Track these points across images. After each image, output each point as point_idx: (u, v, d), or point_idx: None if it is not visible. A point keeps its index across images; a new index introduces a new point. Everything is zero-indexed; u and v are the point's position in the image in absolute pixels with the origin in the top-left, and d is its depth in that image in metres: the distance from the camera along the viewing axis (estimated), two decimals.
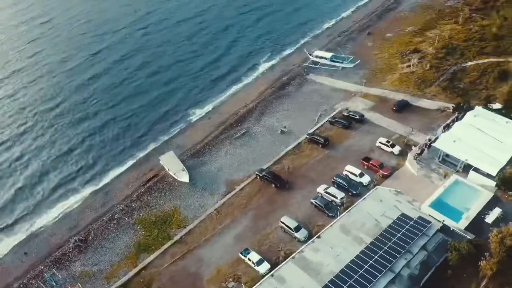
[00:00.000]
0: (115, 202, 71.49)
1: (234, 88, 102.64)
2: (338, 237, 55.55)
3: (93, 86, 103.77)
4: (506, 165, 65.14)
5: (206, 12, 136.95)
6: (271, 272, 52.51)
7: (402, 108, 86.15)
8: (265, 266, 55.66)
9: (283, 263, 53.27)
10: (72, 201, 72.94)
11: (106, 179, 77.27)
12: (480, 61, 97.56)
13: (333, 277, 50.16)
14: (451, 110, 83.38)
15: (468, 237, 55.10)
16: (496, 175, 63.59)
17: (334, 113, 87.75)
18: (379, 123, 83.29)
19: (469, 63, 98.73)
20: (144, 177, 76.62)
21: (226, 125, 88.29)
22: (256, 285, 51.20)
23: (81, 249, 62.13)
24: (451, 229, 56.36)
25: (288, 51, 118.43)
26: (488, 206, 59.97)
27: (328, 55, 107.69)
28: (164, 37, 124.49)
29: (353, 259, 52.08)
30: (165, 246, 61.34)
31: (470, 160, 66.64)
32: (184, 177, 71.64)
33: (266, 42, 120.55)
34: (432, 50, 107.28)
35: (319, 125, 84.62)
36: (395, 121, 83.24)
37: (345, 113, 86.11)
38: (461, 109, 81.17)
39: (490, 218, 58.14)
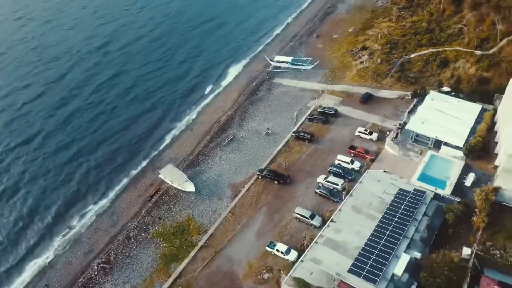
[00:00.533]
0: (125, 221, 72.08)
1: (207, 99, 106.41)
2: (352, 217, 62.50)
3: (64, 114, 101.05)
4: (468, 137, 76.81)
5: (162, 32, 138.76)
6: (302, 257, 57.67)
7: (367, 100, 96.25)
8: (293, 254, 60.89)
9: (309, 248, 58.73)
10: (78, 227, 72.06)
11: (107, 201, 77.10)
12: (422, 52, 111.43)
13: (360, 251, 56.82)
14: (410, 97, 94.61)
15: (456, 200, 64.91)
16: (463, 146, 74.83)
17: (309, 111, 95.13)
18: (351, 115, 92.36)
19: (412, 55, 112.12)
20: (146, 193, 77.72)
21: (212, 134, 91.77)
22: (293, 269, 56.14)
23: (107, 270, 62.43)
24: (441, 195, 65.89)
25: (247, 60, 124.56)
26: (464, 173, 70.71)
27: (289, 59, 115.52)
28: (125, 57, 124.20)
29: (372, 233, 59.19)
30: (193, 252, 63.91)
31: (440, 137, 77.53)
32: (190, 187, 74.37)
33: (225, 53, 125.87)
34: (378, 46, 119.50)
35: (299, 123, 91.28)
36: (365, 112, 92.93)
37: (320, 110, 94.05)
38: (418, 95, 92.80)
39: (468, 182, 68.85)
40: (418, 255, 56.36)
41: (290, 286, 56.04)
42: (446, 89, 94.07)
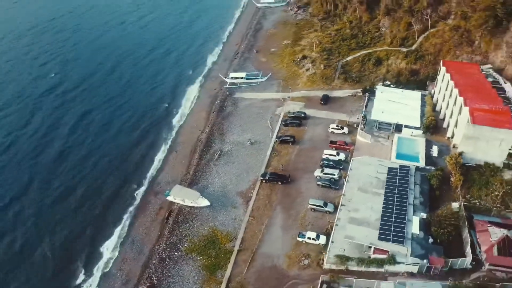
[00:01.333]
0: (151, 245, 74.00)
1: (179, 121, 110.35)
2: (361, 197, 73.59)
3: (44, 161, 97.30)
4: (421, 118, 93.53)
5: (113, 65, 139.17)
6: (332, 238, 66.91)
7: (326, 101, 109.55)
8: (323, 238, 69.75)
9: (334, 229, 68.24)
10: (103, 263, 72.13)
11: (121, 232, 77.62)
12: (356, 55, 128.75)
13: (381, 221, 67.89)
14: (360, 93, 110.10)
15: (432, 168, 79.94)
16: (420, 126, 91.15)
17: (280, 117, 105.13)
18: (318, 116, 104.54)
19: (348, 58, 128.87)
20: (159, 216, 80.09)
21: (199, 152, 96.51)
22: (328, 249, 64.99)
23: None
24: (420, 167, 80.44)
25: (201, 80, 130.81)
26: (428, 146, 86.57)
27: (243, 74, 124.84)
28: (86, 94, 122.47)
29: (383, 206, 70.72)
30: (233, 257, 68.99)
31: (400, 121, 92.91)
32: (204, 202, 79.02)
33: (179, 77, 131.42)
34: (316, 54, 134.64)
35: (276, 129, 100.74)
36: (328, 111, 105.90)
37: (290, 115, 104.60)
38: (368, 91, 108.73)
39: (435, 153, 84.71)
40: (424, 215, 69.25)
41: (332, 263, 64.68)
42: (388, 82, 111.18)
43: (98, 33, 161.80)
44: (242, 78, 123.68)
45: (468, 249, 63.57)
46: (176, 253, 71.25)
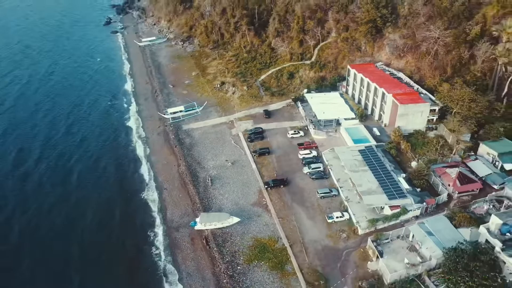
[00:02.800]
0: (211, 270, 79.10)
1: (147, 164, 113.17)
2: (355, 175, 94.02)
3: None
4: (352, 110, 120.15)
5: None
6: (352, 213, 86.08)
7: (269, 114, 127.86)
8: (346, 215, 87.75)
9: (349, 205, 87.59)
10: None
11: (170, 273, 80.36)
12: (268, 73, 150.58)
13: (382, 188, 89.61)
14: (292, 103, 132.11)
15: (383, 143, 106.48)
16: (356, 116, 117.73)
17: (241, 136, 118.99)
18: (270, 128, 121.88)
19: (262, 77, 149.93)
20: (197, 246, 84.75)
21: (190, 183, 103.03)
22: (357, 221, 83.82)
23: None
24: (376, 145, 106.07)
25: (139, 123, 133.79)
26: (369, 130, 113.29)
27: (181, 107, 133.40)
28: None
29: (376, 177, 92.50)
30: (290, 252, 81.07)
31: (340, 117, 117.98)
32: (235, 219, 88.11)
33: (115, 129, 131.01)
34: (231, 79, 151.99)
35: (245, 146, 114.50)
36: (275, 122, 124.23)
37: (250, 132, 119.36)
38: (297, 100, 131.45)
39: (377, 133, 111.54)
40: (404, 175, 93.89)
41: (364, 228, 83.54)
42: (306, 90, 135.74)
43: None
44: (181, 111, 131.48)
45: (441, 188, 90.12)
46: (239, 267, 78.96)
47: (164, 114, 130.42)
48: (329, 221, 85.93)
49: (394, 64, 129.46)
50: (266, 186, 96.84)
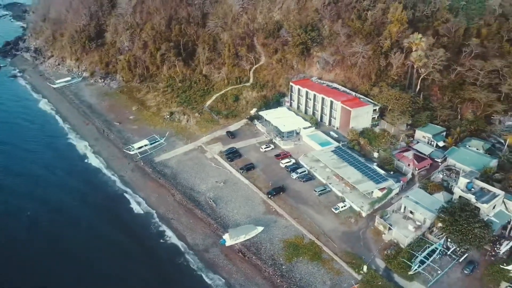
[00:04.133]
0: (260, 276, 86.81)
1: (140, 202, 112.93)
2: (342, 171, 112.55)
3: None
4: (306, 120, 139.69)
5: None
6: (351, 202, 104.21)
7: (234, 135, 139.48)
8: (347, 203, 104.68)
9: (346, 197, 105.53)
10: None
11: (219, 285, 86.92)
12: (212, 98, 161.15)
13: (367, 176, 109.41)
14: (250, 121, 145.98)
15: (345, 142, 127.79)
16: (312, 125, 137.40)
17: (218, 158, 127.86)
18: (241, 146, 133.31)
19: (208, 102, 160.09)
20: (236, 261, 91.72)
21: (194, 208, 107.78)
22: (361, 207, 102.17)
23: None
24: (342, 144, 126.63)
25: (105, 164, 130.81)
26: (326, 134, 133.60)
27: (145, 141, 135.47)
28: None
29: (358, 170, 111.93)
30: (321, 244, 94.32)
31: (299, 127, 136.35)
32: (260, 228, 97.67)
33: (85, 180, 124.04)
34: (178, 108, 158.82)
35: (227, 165, 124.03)
36: (242, 141, 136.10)
37: (227, 153, 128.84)
38: (253, 118, 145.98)
39: (335, 135, 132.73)
40: (375, 163, 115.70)
41: (368, 210, 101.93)
42: (255, 110, 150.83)
43: None
44: (146, 145, 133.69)
45: (405, 168, 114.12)
46: (283, 267, 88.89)
47: (130, 151, 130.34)
48: (336, 212, 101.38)
49: (325, 77, 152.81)
50: (269, 196, 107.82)
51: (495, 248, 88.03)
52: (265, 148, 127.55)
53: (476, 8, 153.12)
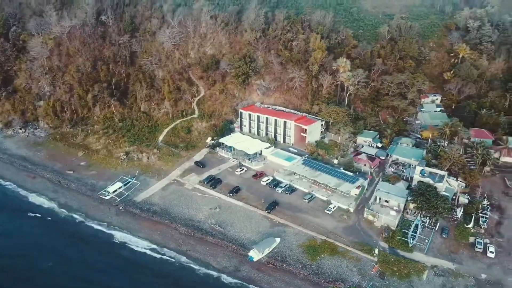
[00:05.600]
0: (296, 280, 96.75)
1: (141, 245, 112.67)
2: (322, 179, 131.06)
3: None
4: (264, 141, 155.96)
5: None
6: (334, 204, 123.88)
7: (203, 164, 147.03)
8: (335, 204, 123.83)
9: (332, 198, 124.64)
10: None
11: None
12: (164, 133, 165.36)
13: (342, 179, 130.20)
14: (212, 149, 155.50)
15: (307, 154, 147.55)
16: (271, 145, 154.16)
17: (199, 187, 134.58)
18: (216, 173, 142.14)
19: (161, 137, 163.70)
20: (269, 271, 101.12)
21: (204, 236, 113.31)
22: (349, 204, 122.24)
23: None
24: (306, 156, 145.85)
25: (83, 217, 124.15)
26: (286, 151, 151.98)
27: (119, 184, 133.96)
28: None
29: (333, 175, 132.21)
30: (332, 240, 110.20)
31: (261, 148, 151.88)
32: (278, 239, 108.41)
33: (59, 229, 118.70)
34: (131, 147, 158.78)
35: (213, 192, 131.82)
36: (212, 169, 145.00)
37: (208, 180, 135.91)
38: (214, 146, 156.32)
39: (294, 150, 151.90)
40: (341, 168, 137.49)
41: (354, 206, 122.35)
42: (212, 140, 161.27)
43: None
44: (121, 187, 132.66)
45: (363, 168, 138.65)
46: (313, 266, 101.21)
47: (105, 196, 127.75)
48: (329, 213, 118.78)
49: (266, 102, 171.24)
50: (268, 211, 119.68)
51: (453, 215, 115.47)
52: (240, 171, 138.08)
53: (370, 35, 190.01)
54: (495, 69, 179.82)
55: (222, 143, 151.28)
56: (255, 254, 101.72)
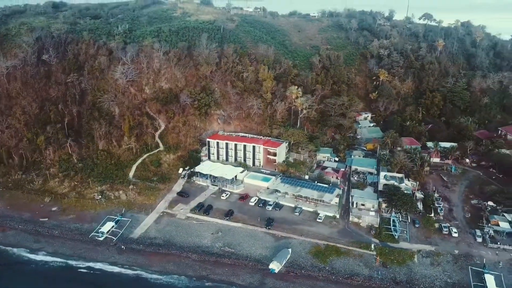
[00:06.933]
0: (318, 282, 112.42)
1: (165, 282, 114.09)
2: (305, 193, 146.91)
3: None
4: (235, 166, 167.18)
5: None
6: (319, 210, 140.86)
7: (186, 194, 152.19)
8: (323, 213, 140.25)
9: (319, 208, 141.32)
10: None
11: None
12: (133, 169, 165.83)
13: (322, 192, 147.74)
14: (186, 178, 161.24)
15: (281, 174, 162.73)
16: (245, 169, 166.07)
17: (193, 215, 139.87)
18: (202, 199, 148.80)
19: (131, 173, 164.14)
20: (291, 280, 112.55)
21: (219, 259, 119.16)
22: (330, 211, 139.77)
23: None
24: (281, 175, 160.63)
25: (84, 256, 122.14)
26: (259, 173, 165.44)
27: (111, 223, 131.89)
28: None
29: (312, 189, 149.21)
30: (333, 244, 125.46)
31: (237, 173, 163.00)
32: (290, 250, 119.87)
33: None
34: (104, 186, 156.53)
35: (208, 218, 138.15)
36: (197, 196, 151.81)
37: (199, 207, 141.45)
38: (191, 175, 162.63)
39: (267, 172, 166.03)
40: (316, 181, 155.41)
41: (339, 212, 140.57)
42: (188, 167, 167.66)
43: None
44: (113, 226, 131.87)
45: (333, 180, 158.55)
46: (327, 268, 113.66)
47: (99, 237, 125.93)
48: (321, 221, 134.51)
49: (227, 129, 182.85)
50: (268, 227, 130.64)
51: (417, 208, 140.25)
52: (226, 196, 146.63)
53: (305, 65, 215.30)
54: (406, 88, 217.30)
55: (198, 172, 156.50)
56: (275, 266, 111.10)
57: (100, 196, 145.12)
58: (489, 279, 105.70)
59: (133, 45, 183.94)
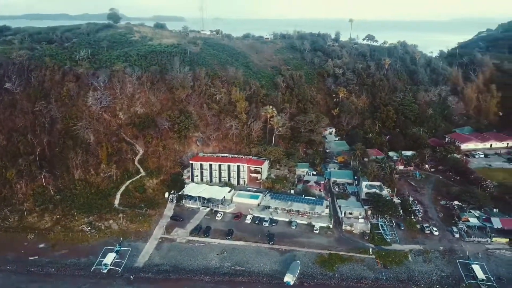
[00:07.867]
0: (330, 285, 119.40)
1: None
2: (297, 207, 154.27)
3: None
4: (221, 186, 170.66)
5: None
6: (313, 223, 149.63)
7: (181, 217, 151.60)
8: (318, 224, 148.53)
9: (312, 220, 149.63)
10: None
11: None
12: (117, 197, 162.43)
13: (314, 205, 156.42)
14: (177, 202, 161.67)
15: (268, 190, 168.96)
16: (230, 189, 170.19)
17: (193, 238, 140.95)
18: (195, 223, 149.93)
19: (116, 201, 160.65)
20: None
21: (233, 278, 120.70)
22: (323, 221, 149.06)
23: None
24: (269, 191, 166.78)
25: None
26: (246, 191, 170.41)
27: (113, 254, 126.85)
28: None
29: (303, 202, 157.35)
30: (334, 252, 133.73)
31: (226, 193, 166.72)
32: (299, 262, 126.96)
33: None
34: (91, 217, 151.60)
35: (209, 240, 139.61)
36: (191, 219, 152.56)
37: (197, 231, 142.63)
38: (179, 199, 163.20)
39: (254, 190, 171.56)
40: (303, 195, 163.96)
41: (331, 223, 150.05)
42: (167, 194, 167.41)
43: None
44: (115, 257, 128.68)
45: (317, 193, 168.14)
46: (336, 275, 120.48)
47: (104, 270, 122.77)
48: (317, 232, 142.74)
49: (206, 151, 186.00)
50: (271, 243, 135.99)
51: (398, 212, 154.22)
52: (220, 216, 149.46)
53: (269, 85, 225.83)
54: (362, 103, 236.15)
55: (186, 195, 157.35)
56: (290, 279, 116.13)
57: (89, 228, 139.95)
58: (477, 269, 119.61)
59: (104, 70, 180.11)
